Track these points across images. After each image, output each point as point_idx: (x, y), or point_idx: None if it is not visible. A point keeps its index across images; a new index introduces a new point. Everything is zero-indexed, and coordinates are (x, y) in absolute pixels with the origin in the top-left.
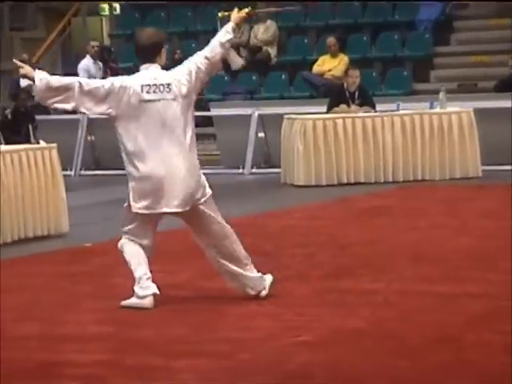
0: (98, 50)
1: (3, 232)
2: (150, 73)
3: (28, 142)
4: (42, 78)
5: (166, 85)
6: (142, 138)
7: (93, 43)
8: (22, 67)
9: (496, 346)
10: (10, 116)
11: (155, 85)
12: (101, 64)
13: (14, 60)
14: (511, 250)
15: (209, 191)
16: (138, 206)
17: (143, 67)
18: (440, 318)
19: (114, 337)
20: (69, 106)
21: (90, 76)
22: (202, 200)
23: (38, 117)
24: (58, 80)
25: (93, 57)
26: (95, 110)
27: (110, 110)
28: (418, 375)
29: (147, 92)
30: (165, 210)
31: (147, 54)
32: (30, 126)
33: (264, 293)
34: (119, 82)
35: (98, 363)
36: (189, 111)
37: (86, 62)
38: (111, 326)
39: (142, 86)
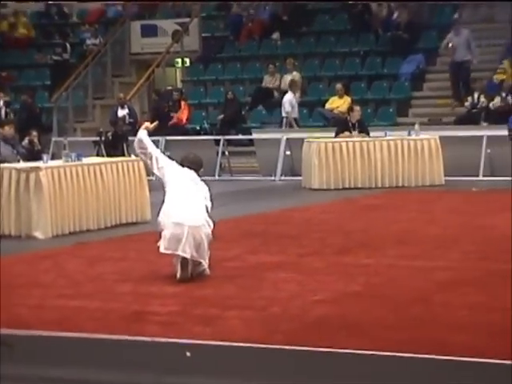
0: (296, 85)
1: (105, 219)
2: (190, 173)
3: (123, 155)
4: (141, 134)
5: (196, 181)
6: (175, 202)
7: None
8: (144, 125)
9: (457, 304)
10: (110, 137)
11: (191, 180)
12: (297, 96)
13: (145, 125)
14: (467, 235)
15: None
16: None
17: (187, 169)
18: (416, 284)
19: (185, 294)
20: (144, 160)
21: (292, 106)
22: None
23: (130, 138)
24: (148, 142)
25: (293, 91)
26: (155, 172)
27: (162, 178)
28: (399, 324)
29: (186, 181)
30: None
31: (191, 165)
32: (125, 145)
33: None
34: (173, 173)
35: (174, 313)
36: (206, 192)
37: (289, 97)
38: (182, 286)
39: (184, 177)
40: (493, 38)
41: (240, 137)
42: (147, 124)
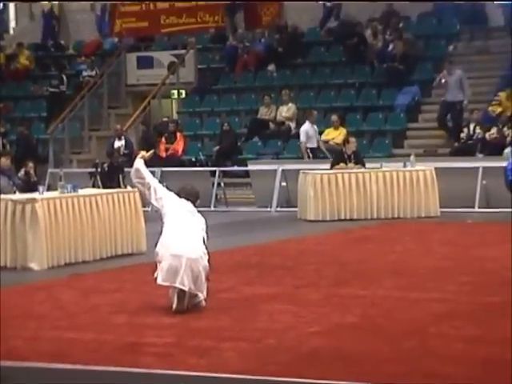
0: (312, 115)
1: (101, 250)
2: (187, 204)
3: (119, 187)
4: (138, 163)
5: (194, 213)
6: (173, 234)
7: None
8: (140, 154)
9: (452, 336)
10: (106, 168)
11: (189, 211)
12: (315, 127)
13: (141, 154)
14: (462, 267)
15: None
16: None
17: (184, 200)
18: (411, 315)
19: (180, 326)
20: (141, 190)
21: (309, 137)
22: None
23: (126, 169)
24: (145, 172)
25: (311, 122)
26: (153, 203)
27: (160, 209)
28: (394, 356)
29: (184, 212)
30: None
31: (188, 197)
32: (121, 176)
33: None
34: (171, 204)
35: (169, 344)
36: (203, 224)
37: (306, 127)
38: (177, 318)
39: (182, 208)
40: (488, 70)
41: (236, 168)
42: (143, 153)
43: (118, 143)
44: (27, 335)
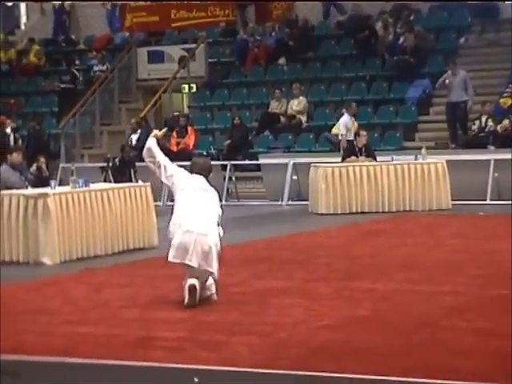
0: (354, 109)
1: (112, 244)
2: (199, 180)
3: (130, 181)
4: (150, 143)
5: (206, 188)
6: (184, 211)
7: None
8: (153, 133)
9: (463, 329)
10: (117, 163)
11: (201, 187)
12: (354, 119)
13: (154, 132)
14: (473, 260)
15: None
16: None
17: (196, 176)
18: (422, 308)
19: (191, 320)
20: (153, 169)
21: (348, 129)
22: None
23: (138, 164)
24: (156, 151)
25: (350, 114)
26: (164, 181)
27: (171, 187)
28: (405, 350)
29: (195, 189)
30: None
31: (201, 171)
32: (132, 170)
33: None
34: (182, 181)
35: (180, 338)
36: (216, 199)
37: (345, 119)
38: (188, 312)
39: (194, 185)
40: (499, 62)
41: (247, 162)
42: (156, 132)
43: (133, 137)
44: (39, 330)
